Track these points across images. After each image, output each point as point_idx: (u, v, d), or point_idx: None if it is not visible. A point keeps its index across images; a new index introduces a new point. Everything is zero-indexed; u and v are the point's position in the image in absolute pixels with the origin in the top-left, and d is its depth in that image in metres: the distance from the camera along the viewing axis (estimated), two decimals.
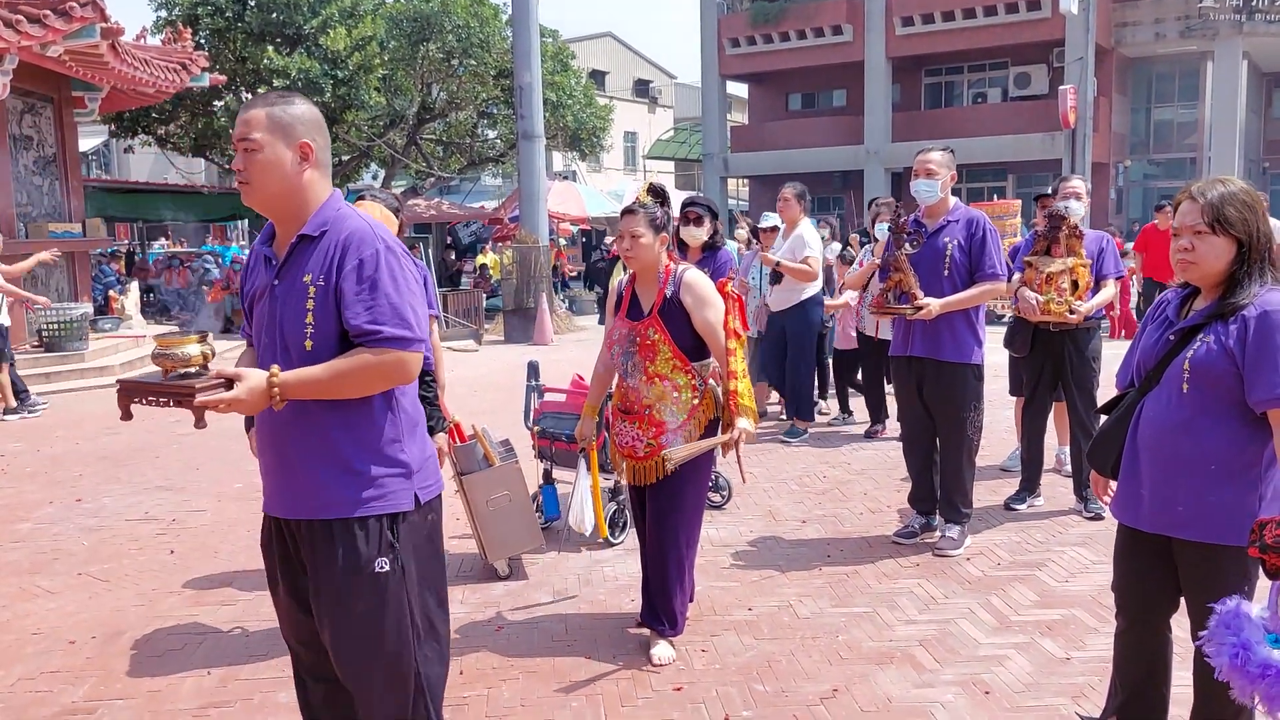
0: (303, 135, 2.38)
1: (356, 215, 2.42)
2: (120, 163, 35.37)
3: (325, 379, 2.29)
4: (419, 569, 2.46)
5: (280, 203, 2.40)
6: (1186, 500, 2.62)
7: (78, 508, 6.18)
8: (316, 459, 2.37)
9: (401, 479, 2.42)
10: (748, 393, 3.71)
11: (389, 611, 2.41)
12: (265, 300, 2.42)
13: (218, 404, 2.25)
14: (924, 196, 4.85)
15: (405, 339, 2.33)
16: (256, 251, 2.53)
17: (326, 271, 2.33)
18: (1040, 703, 3.41)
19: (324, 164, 2.45)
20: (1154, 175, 32.91)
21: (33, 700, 3.60)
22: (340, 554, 2.37)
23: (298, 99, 2.44)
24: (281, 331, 2.37)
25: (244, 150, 2.35)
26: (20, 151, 12.63)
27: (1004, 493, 5.85)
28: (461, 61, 20.02)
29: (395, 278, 2.34)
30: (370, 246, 2.34)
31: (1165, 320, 2.78)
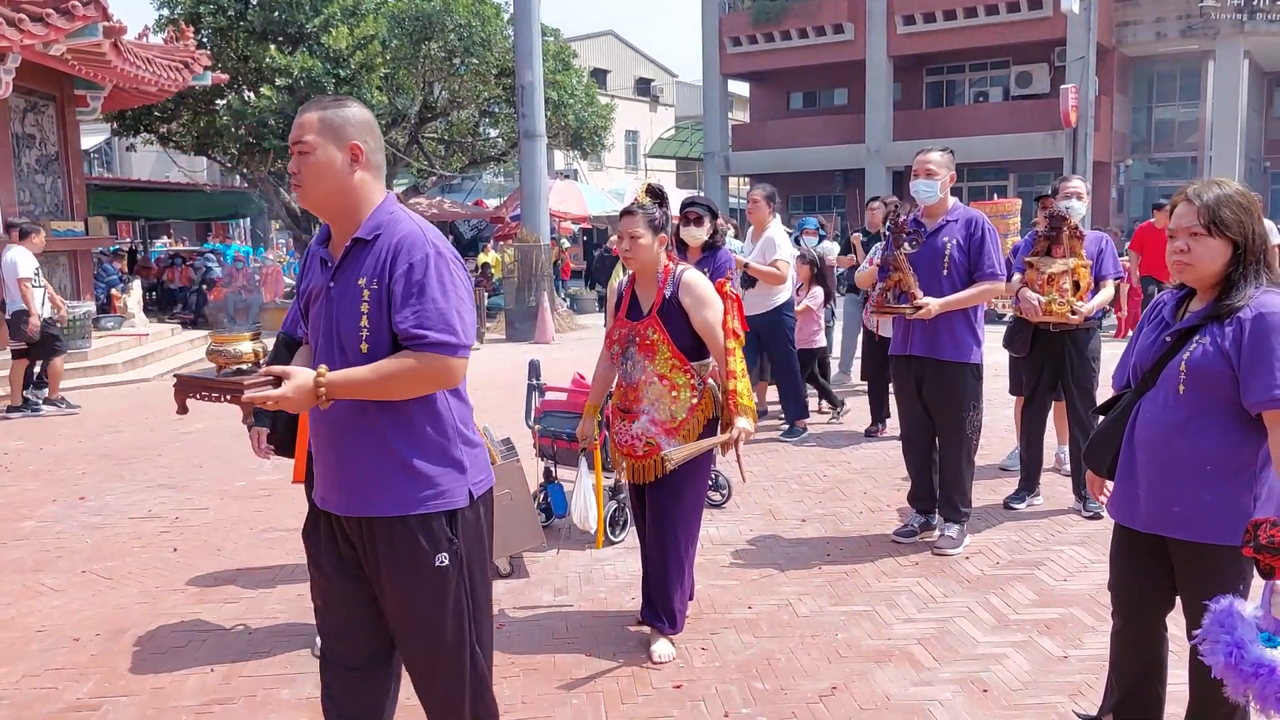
0: (353, 137, 2.42)
1: (409, 219, 2.45)
2: (122, 161, 35.39)
3: (371, 380, 2.34)
4: (474, 562, 2.54)
5: (333, 204, 2.45)
6: (1182, 500, 2.64)
7: (81, 505, 6.21)
8: (375, 459, 2.42)
9: (456, 476, 2.48)
10: (747, 392, 3.74)
11: (450, 604, 2.48)
12: (321, 301, 2.47)
13: (265, 400, 2.29)
14: (923, 196, 4.87)
15: (451, 345, 2.36)
16: (312, 252, 2.57)
17: (379, 275, 2.37)
18: (1038, 700, 3.44)
19: (376, 165, 2.48)
20: (1155, 174, 32.93)
21: (37, 697, 3.63)
22: (403, 551, 2.43)
23: (351, 102, 2.48)
24: (338, 333, 2.42)
25: (297, 153, 2.40)
26: (23, 150, 12.66)
27: (1003, 492, 5.87)
28: (463, 60, 20.03)
29: (444, 283, 2.37)
30: (420, 251, 2.37)
31: (1161, 322, 2.80)
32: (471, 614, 2.54)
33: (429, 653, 2.53)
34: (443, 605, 2.48)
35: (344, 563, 2.54)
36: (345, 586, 2.54)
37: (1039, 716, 3.34)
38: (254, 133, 17.47)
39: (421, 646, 2.52)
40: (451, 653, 2.52)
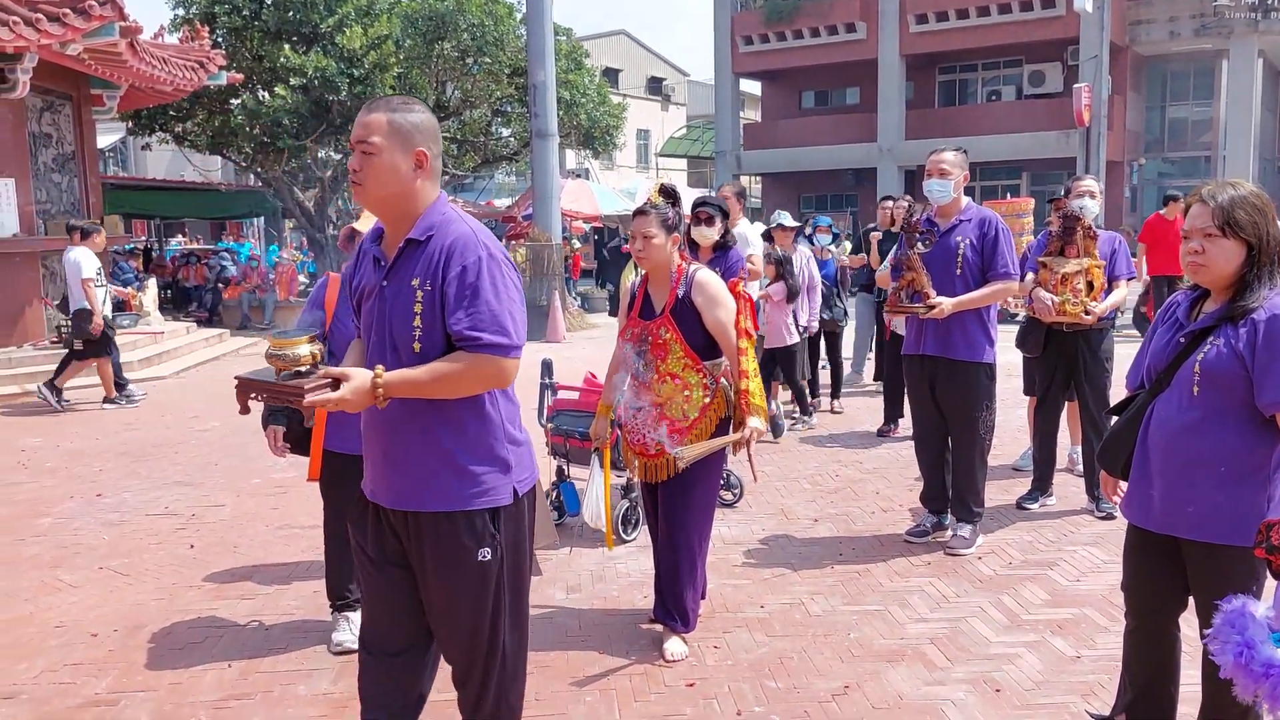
0: (420, 144, 2.45)
1: (461, 220, 2.48)
2: (138, 160, 35.57)
3: (426, 380, 2.38)
4: (515, 559, 2.60)
5: (391, 206, 2.48)
6: (1196, 501, 2.65)
7: (98, 502, 6.26)
8: (423, 454, 2.48)
9: (501, 474, 2.53)
10: (759, 391, 3.76)
11: (489, 598, 2.55)
12: (374, 300, 2.51)
13: (326, 403, 2.33)
14: (937, 196, 4.87)
15: (504, 346, 2.40)
16: (365, 250, 2.60)
17: (433, 276, 2.41)
18: (1051, 700, 3.44)
19: (435, 171, 2.52)
20: (1169, 174, 32.75)
21: (56, 692, 3.67)
22: (447, 545, 2.49)
23: (417, 105, 2.50)
24: (390, 331, 2.46)
25: (361, 153, 2.42)
26: (40, 149, 12.74)
27: (1016, 492, 5.87)
28: (476, 60, 20.08)
29: (496, 285, 2.41)
30: (474, 253, 2.41)
31: (1175, 322, 2.81)
32: (509, 609, 2.61)
33: (465, 645, 2.59)
34: (482, 599, 2.54)
35: (389, 553, 2.60)
36: (390, 575, 2.60)
37: (1052, 716, 3.34)
38: (268, 132, 17.54)
39: (459, 638, 2.59)
40: (486, 646, 2.59)
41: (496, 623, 2.59)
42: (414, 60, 19.29)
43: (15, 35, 10.50)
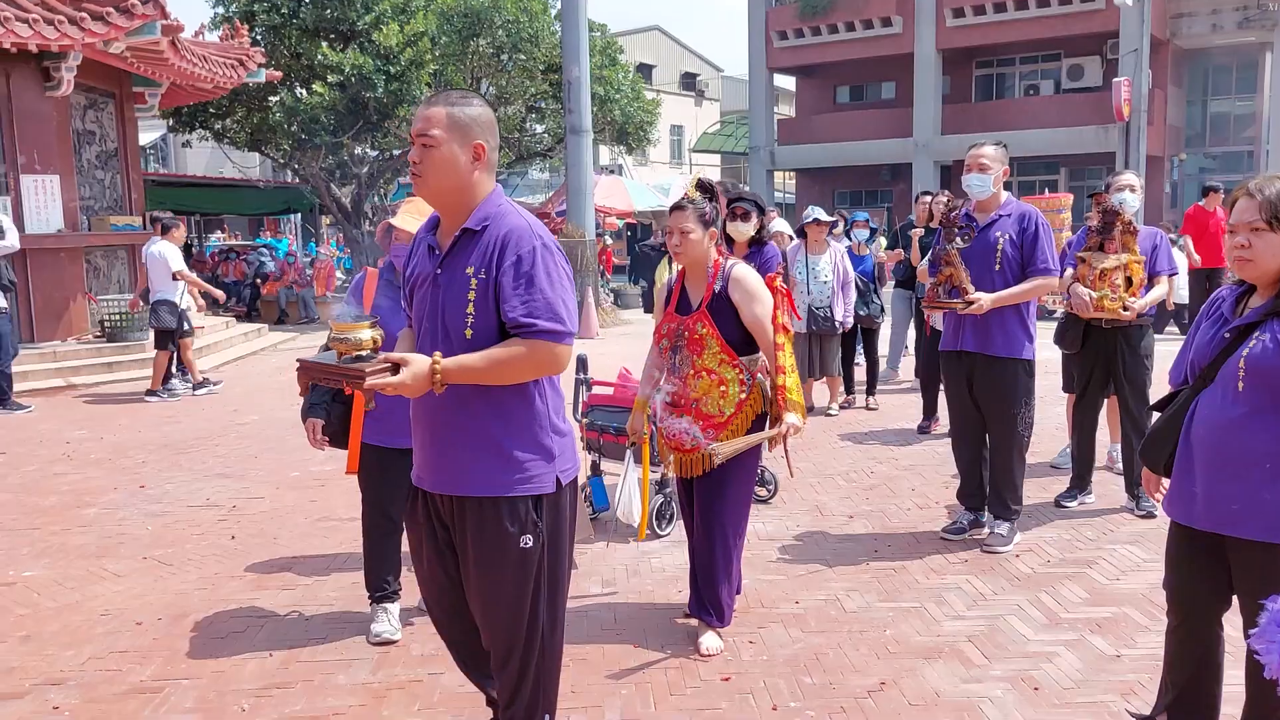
0: (478, 137, 2.53)
1: (516, 212, 2.56)
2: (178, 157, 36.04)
3: (483, 366, 2.45)
4: (556, 546, 2.65)
5: (448, 197, 2.55)
6: (1241, 498, 2.62)
7: (141, 494, 6.36)
8: (470, 441, 2.55)
9: (545, 462, 2.59)
10: (796, 387, 3.76)
11: (530, 584, 2.61)
12: (428, 288, 2.59)
13: (385, 387, 2.39)
14: (976, 191, 4.83)
15: (558, 332, 2.48)
16: (420, 239, 2.68)
17: (487, 265, 2.48)
18: (1090, 699, 3.42)
19: (492, 164, 2.59)
20: (1210, 169, 32.22)
21: (103, 679, 3.74)
22: (489, 530, 2.56)
23: (475, 100, 2.58)
24: (443, 319, 2.53)
25: (422, 145, 2.50)
26: (84, 146, 12.94)
27: (1054, 490, 5.82)
28: (511, 56, 20.14)
29: (550, 273, 2.49)
30: (528, 243, 2.48)
31: (1220, 317, 2.77)
32: (547, 597, 2.66)
33: (505, 630, 2.64)
34: (523, 585, 2.60)
35: (439, 539, 2.68)
36: (445, 563, 2.70)
37: (1091, 715, 3.32)
38: (306, 129, 17.70)
39: (498, 623, 2.64)
40: (525, 634, 2.64)
41: (535, 609, 2.64)
42: (449, 57, 19.38)
43: (60, 34, 10.68)
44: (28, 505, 6.15)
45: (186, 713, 3.46)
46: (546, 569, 2.63)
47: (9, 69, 11.25)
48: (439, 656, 3.85)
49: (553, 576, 2.67)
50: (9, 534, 5.57)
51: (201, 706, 3.50)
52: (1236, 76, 31.06)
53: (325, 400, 3.95)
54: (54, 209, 11.75)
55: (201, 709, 3.49)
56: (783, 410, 3.72)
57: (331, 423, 3.99)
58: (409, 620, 4.15)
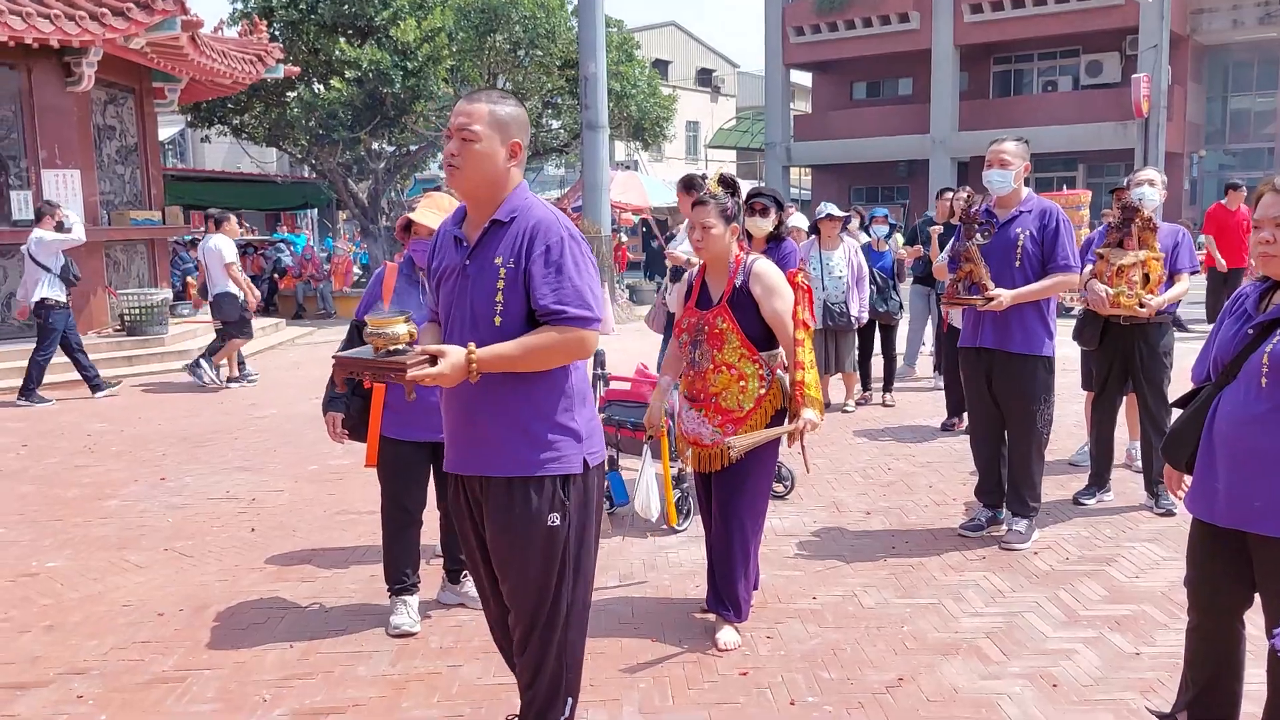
0: (515, 135, 2.63)
1: (542, 205, 2.66)
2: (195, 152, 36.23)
3: (516, 354, 2.53)
4: (582, 526, 2.71)
5: (482, 191, 2.63)
6: (1263, 495, 2.61)
7: (162, 486, 6.41)
8: (499, 423, 2.62)
9: (573, 444, 2.66)
10: (814, 383, 3.76)
11: (556, 563, 2.67)
12: (456, 278, 2.66)
13: (424, 378, 2.46)
14: (997, 187, 4.81)
15: (586, 318, 2.57)
16: (445, 231, 2.76)
17: (516, 255, 2.57)
18: (1109, 697, 3.41)
19: (523, 161, 2.68)
20: (1230, 165, 31.98)
21: (125, 668, 3.78)
22: (517, 509, 2.62)
23: (512, 99, 2.69)
24: (472, 307, 2.61)
25: (462, 139, 2.57)
26: (104, 141, 13.04)
27: (1072, 487, 5.80)
28: (528, 52, 20.15)
29: (577, 263, 2.59)
30: (556, 234, 2.58)
31: (1244, 314, 2.76)
32: (573, 579, 2.71)
33: (530, 608, 2.70)
34: (548, 565, 2.66)
35: (476, 522, 2.76)
36: (481, 544, 2.78)
37: (1110, 713, 3.31)
38: (323, 124, 17.76)
39: (523, 600, 2.70)
40: (547, 614, 2.70)
41: (560, 590, 2.70)
42: (466, 53, 19.41)
43: (81, 29, 10.76)
44: (50, 497, 6.21)
45: (208, 702, 3.49)
46: (572, 550, 2.70)
47: (30, 64, 11.35)
48: (458, 649, 3.88)
49: (579, 558, 2.73)
50: (32, 525, 5.62)
51: (223, 696, 3.54)
52: (1257, 72, 30.81)
53: (345, 394, 3.98)
54: (74, 203, 11.83)
55: (223, 699, 3.52)
56: (800, 406, 3.72)
57: (351, 416, 4.03)
58: (427, 613, 4.18)
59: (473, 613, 4.17)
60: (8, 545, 5.28)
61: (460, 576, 4.29)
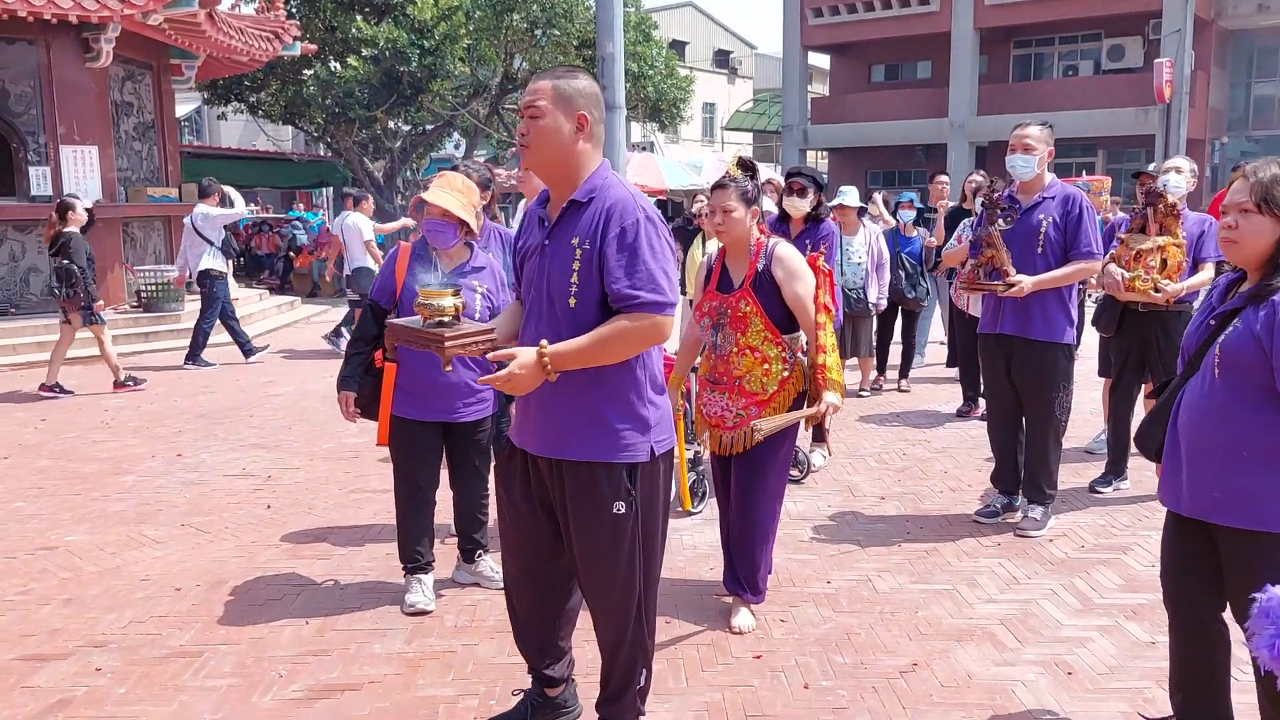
0: (581, 108, 2.62)
1: (621, 185, 2.64)
2: (212, 129, 36.28)
3: (590, 347, 2.54)
4: (649, 513, 2.74)
5: (554, 168, 2.64)
6: (1220, 485, 2.59)
7: (178, 462, 6.45)
8: (571, 405, 2.64)
9: (640, 432, 2.67)
10: (835, 367, 3.75)
11: (623, 550, 2.70)
12: (537, 258, 2.68)
13: (495, 382, 2.52)
14: (1020, 172, 4.76)
15: (660, 303, 2.56)
16: (531, 212, 2.79)
17: (592, 236, 2.57)
18: (1124, 685, 3.40)
19: (597, 136, 2.66)
20: (1252, 152, 31.59)
21: (144, 642, 3.81)
22: (586, 494, 2.66)
23: (581, 74, 2.69)
24: (549, 287, 2.63)
25: (529, 116, 2.60)
26: (122, 118, 13.07)
27: (1088, 475, 5.77)
28: (545, 32, 20.06)
29: (653, 246, 2.57)
30: (632, 215, 2.56)
31: (1209, 305, 2.74)
32: (642, 563, 2.74)
33: (601, 591, 2.76)
34: (617, 550, 2.69)
35: (533, 498, 2.79)
36: (532, 520, 2.81)
37: (1125, 701, 3.30)
38: (340, 102, 17.76)
39: (595, 584, 2.76)
40: (620, 594, 2.75)
41: (631, 575, 2.73)
42: (484, 31, 19.34)
43: (100, 5, 10.77)
44: (68, 471, 6.25)
45: (225, 677, 3.52)
46: (639, 537, 2.72)
47: (49, 40, 11.36)
48: (473, 627, 3.90)
49: (647, 543, 2.75)
50: (51, 499, 5.67)
51: (239, 671, 3.56)
52: None
53: (358, 373, 4.00)
54: (92, 180, 11.88)
55: (239, 674, 3.54)
56: (822, 389, 3.72)
57: (364, 395, 4.04)
58: (442, 591, 4.20)
59: (487, 592, 4.19)
60: (27, 518, 5.33)
61: (475, 556, 4.30)
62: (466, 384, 3.96)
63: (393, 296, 3.97)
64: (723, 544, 4.09)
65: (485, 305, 3.86)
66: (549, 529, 2.81)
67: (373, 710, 3.30)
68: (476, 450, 4.14)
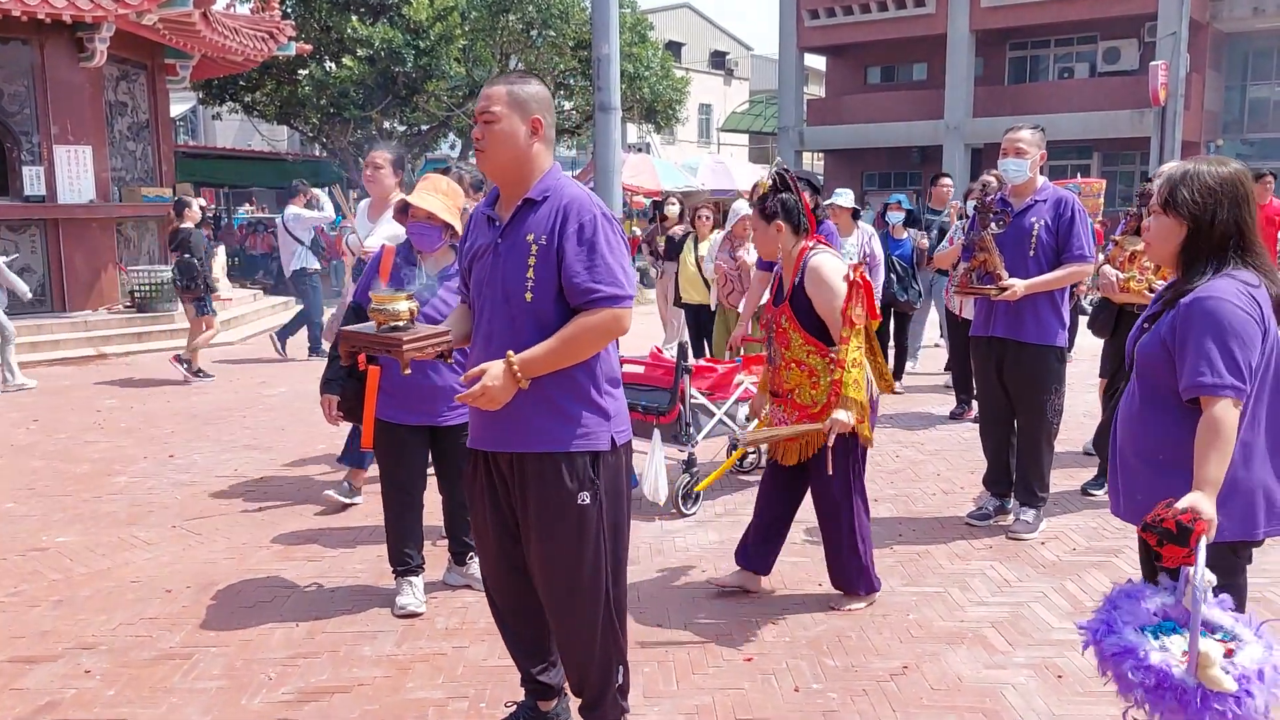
0: (535, 112, 2.68)
1: (574, 184, 2.70)
2: (207, 129, 36.23)
3: (557, 347, 2.57)
4: (613, 503, 2.74)
5: (510, 170, 2.68)
6: (1143, 489, 2.59)
7: (170, 463, 6.44)
8: (529, 400, 2.64)
9: (601, 420, 2.69)
10: (853, 383, 3.71)
11: (589, 542, 2.69)
12: (488, 257, 2.70)
13: (468, 399, 2.54)
14: (1012, 176, 4.78)
15: (619, 296, 2.61)
16: (478, 213, 2.81)
17: (550, 232, 2.60)
18: (1113, 689, 3.38)
19: (549, 139, 2.73)
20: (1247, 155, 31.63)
21: (133, 644, 3.80)
22: (548, 488, 2.65)
23: (533, 80, 2.74)
24: (503, 284, 2.65)
25: (484, 121, 2.64)
26: (116, 117, 13.04)
27: (1081, 477, 5.77)
28: (540, 32, 20.08)
29: (609, 241, 2.63)
30: (589, 213, 2.62)
31: (1148, 309, 2.75)
32: (608, 556, 2.74)
33: (566, 589, 2.73)
34: (582, 543, 2.68)
35: (499, 502, 2.78)
36: (503, 527, 2.80)
37: (1114, 705, 3.25)
38: (335, 103, 17.76)
39: (560, 582, 2.73)
40: (588, 590, 2.73)
41: (598, 568, 2.72)
42: (479, 32, 19.35)
43: (94, 5, 10.75)
44: (60, 472, 6.24)
45: (214, 679, 3.51)
46: (606, 527, 2.72)
47: (43, 40, 11.34)
48: (463, 630, 3.89)
49: (613, 538, 2.75)
50: (43, 499, 5.65)
51: (229, 674, 3.55)
52: (1277, 61, 30.49)
53: (340, 376, 4.00)
54: (86, 179, 11.86)
55: (229, 676, 3.53)
56: (832, 406, 3.72)
57: (347, 398, 4.04)
58: (433, 594, 4.19)
59: (478, 594, 4.18)
60: (18, 519, 5.31)
61: (466, 558, 4.29)
62: (452, 387, 3.95)
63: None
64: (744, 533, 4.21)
65: None
66: (511, 534, 2.81)
67: (362, 713, 3.29)
68: (463, 453, 4.12)
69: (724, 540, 4.85)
